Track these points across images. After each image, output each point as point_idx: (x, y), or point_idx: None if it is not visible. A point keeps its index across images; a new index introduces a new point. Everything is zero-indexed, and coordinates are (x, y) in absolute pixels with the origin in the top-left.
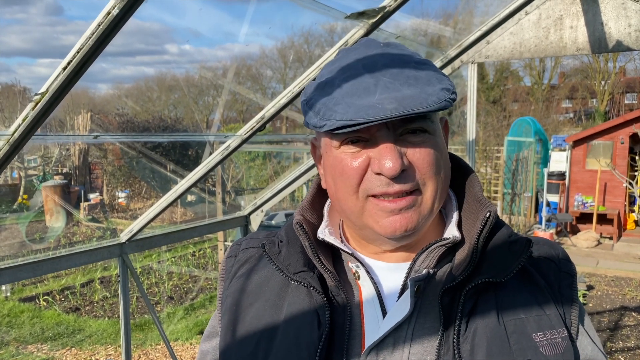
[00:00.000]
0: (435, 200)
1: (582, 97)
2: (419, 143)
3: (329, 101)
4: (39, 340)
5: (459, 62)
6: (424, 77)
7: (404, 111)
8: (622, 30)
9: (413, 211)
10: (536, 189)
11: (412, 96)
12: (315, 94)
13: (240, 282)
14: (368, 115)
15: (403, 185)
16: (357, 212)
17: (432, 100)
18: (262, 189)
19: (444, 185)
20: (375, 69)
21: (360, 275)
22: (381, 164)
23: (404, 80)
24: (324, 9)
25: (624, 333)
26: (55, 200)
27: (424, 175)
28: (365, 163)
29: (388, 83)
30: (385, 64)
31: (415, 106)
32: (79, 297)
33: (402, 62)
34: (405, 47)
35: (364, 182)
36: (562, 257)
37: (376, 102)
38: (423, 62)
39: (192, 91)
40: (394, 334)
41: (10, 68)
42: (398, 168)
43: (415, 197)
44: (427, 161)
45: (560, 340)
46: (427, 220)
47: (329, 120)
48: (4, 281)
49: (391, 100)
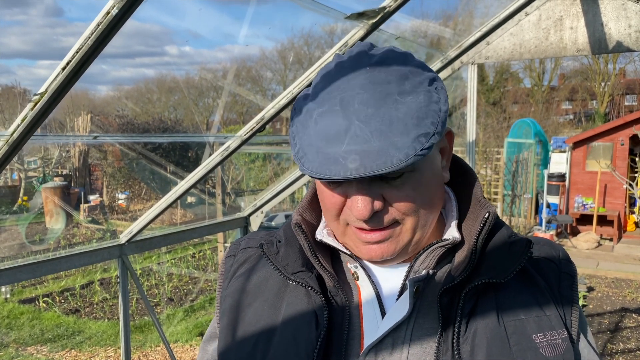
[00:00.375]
0: (416, 230)
1: (582, 99)
2: (396, 185)
3: (304, 138)
4: (39, 341)
5: (459, 63)
6: (401, 119)
7: (364, 172)
8: (622, 31)
9: (389, 242)
10: (536, 190)
11: (378, 152)
12: (297, 116)
13: (239, 282)
14: (331, 171)
15: (376, 224)
16: (340, 234)
17: (398, 158)
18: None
19: (428, 214)
20: (350, 107)
21: (359, 275)
22: (352, 208)
23: (376, 127)
24: (324, 10)
25: (624, 335)
26: (55, 202)
27: (402, 213)
28: (342, 200)
29: (358, 130)
30: (362, 100)
31: (377, 167)
32: (78, 299)
33: (382, 96)
34: (401, 60)
35: (343, 213)
36: (563, 257)
37: (342, 156)
38: (411, 88)
39: (192, 93)
40: (393, 334)
41: (10, 69)
42: (366, 215)
43: (393, 229)
44: (404, 203)
45: (560, 341)
46: (408, 247)
47: (300, 164)
48: (4, 282)
49: (355, 156)
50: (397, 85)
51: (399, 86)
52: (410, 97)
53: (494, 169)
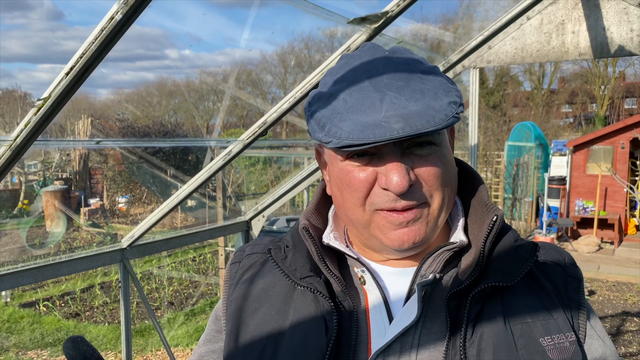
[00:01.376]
0: (442, 211)
1: (582, 102)
2: (425, 156)
3: (334, 116)
4: (39, 346)
5: (461, 67)
6: (431, 89)
7: (410, 131)
8: (624, 35)
9: (420, 223)
10: (537, 193)
11: (419, 113)
12: (319, 106)
13: (244, 288)
14: (375, 135)
15: (410, 201)
16: (364, 224)
17: (440, 117)
18: (263, 194)
19: (450, 195)
20: (381, 82)
21: (365, 280)
22: (388, 181)
23: (410, 95)
24: (327, 14)
25: (625, 338)
26: (55, 206)
27: (431, 188)
28: (372, 177)
29: (394, 98)
30: (390, 76)
31: (422, 125)
32: (79, 303)
33: (408, 73)
34: (410, 52)
35: (371, 196)
36: (569, 261)
37: (382, 120)
38: (429, 70)
39: (192, 96)
40: (401, 339)
41: (11, 73)
42: (405, 185)
43: (422, 209)
44: (433, 175)
45: (568, 344)
46: (434, 231)
47: (335, 138)
48: (5, 287)
49: (398, 118)
50: (417, 66)
51: (419, 67)
52: (431, 76)
53: (494, 172)
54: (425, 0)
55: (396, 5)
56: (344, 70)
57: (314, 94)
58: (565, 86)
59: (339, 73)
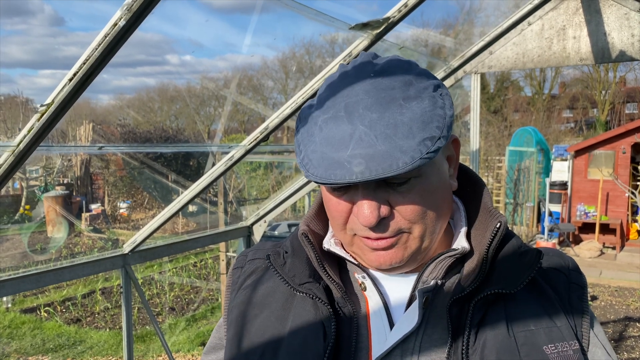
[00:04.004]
0: (424, 237)
1: (583, 107)
2: (403, 191)
3: (310, 144)
4: (40, 351)
5: (462, 72)
6: (406, 123)
7: (369, 176)
8: (625, 40)
9: (397, 248)
10: (538, 198)
11: (383, 155)
12: (302, 125)
13: (246, 294)
14: (335, 176)
15: (382, 233)
16: (347, 243)
17: (403, 161)
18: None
19: (436, 221)
20: (355, 112)
21: (366, 286)
22: (359, 214)
23: (381, 131)
24: (329, 20)
25: (628, 344)
26: (57, 211)
27: (409, 221)
28: (348, 207)
29: (363, 134)
30: (367, 106)
31: (382, 170)
32: (80, 308)
33: (387, 101)
34: (403, 69)
35: (349, 222)
36: (572, 268)
37: (347, 160)
38: (416, 94)
39: (193, 102)
40: (402, 345)
41: (12, 79)
42: (373, 221)
43: (400, 236)
44: (410, 210)
45: (572, 352)
46: (418, 254)
47: (305, 170)
48: (7, 292)
49: (360, 160)
50: (402, 90)
51: (403, 92)
52: (414, 102)
53: (495, 177)
54: (426, 6)
55: (398, 11)
56: (330, 88)
57: (303, 109)
58: (566, 91)
59: (327, 91)
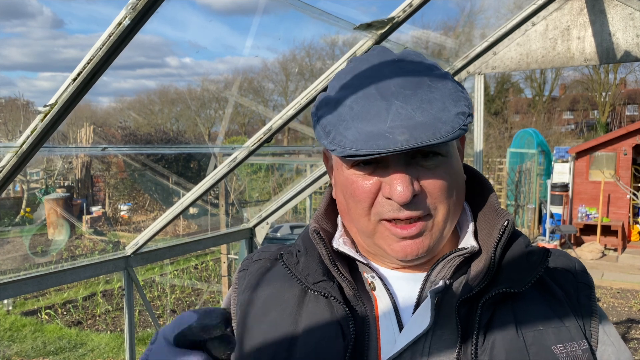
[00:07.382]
0: (447, 223)
1: (584, 109)
2: (431, 168)
3: (340, 124)
4: (41, 354)
5: (466, 73)
6: (439, 99)
7: (414, 144)
8: (629, 40)
9: (424, 237)
10: (539, 200)
11: (424, 125)
12: (325, 111)
13: (251, 294)
14: (378, 146)
15: (413, 211)
16: (368, 233)
17: (446, 130)
18: (265, 201)
19: (456, 206)
20: (388, 90)
21: (375, 286)
22: (392, 191)
23: (417, 105)
24: (333, 20)
25: (631, 346)
26: (57, 213)
27: (436, 200)
28: (376, 186)
29: (400, 108)
30: (398, 84)
31: (427, 137)
32: (81, 311)
33: (416, 81)
34: (420, 56)
35: (375, 205)
36: (579, 268)
37: (387, 131)
38: (439, 77)
39: (194, 104)
40: (412, 347)
41: (12, 82)
42: (409, 196)
43: (426, 222)
44: (439, 187)
45: (580, 352)
46: (439, 243)
47: (339, 147)
48: (9, 295)
49: (402, 130)
50: (426, 74)
51: (428, 75)
52: (440, 84)
53: (496, 179)
54: (427, 8)
55: (402, 11)
56: (352, 75)
57: (322, 98)
58: (567, 93)
59: (347, 77)
